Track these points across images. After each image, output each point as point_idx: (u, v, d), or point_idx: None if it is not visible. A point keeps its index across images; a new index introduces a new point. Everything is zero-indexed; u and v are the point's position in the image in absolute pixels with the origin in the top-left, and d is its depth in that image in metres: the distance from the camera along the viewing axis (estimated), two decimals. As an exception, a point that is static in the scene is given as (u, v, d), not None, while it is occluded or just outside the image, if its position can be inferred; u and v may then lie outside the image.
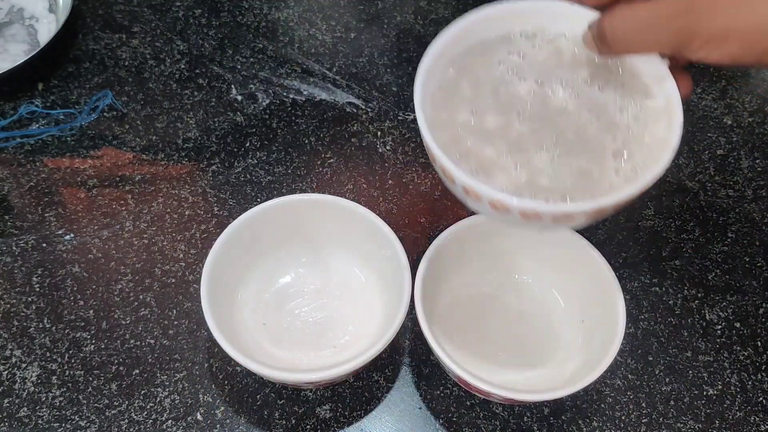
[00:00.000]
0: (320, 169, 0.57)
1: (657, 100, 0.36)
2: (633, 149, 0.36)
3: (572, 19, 0.37)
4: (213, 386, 0.46)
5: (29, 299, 0.50)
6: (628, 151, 0.36)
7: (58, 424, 0.45)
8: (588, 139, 0.36)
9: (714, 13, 0.30)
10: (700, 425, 0.46)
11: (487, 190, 0.33)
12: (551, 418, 0.46)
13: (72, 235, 0.53)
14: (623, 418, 0.46)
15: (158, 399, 0.46)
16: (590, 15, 0.36)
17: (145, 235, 0.53)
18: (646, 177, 0.33)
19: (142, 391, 0.46)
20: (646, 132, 0.36)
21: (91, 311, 0.49)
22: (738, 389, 0.47)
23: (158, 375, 0.47)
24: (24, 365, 0.47)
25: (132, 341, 0.48)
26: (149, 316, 0.49)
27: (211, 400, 0.46)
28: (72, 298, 0.50)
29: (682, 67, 0.36)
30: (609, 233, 0.54)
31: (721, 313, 0.51)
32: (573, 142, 0.36)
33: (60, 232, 0.53)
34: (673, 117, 0.35)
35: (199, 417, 0.45)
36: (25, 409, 0.45)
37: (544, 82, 0.38)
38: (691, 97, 0.63)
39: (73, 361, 0.47)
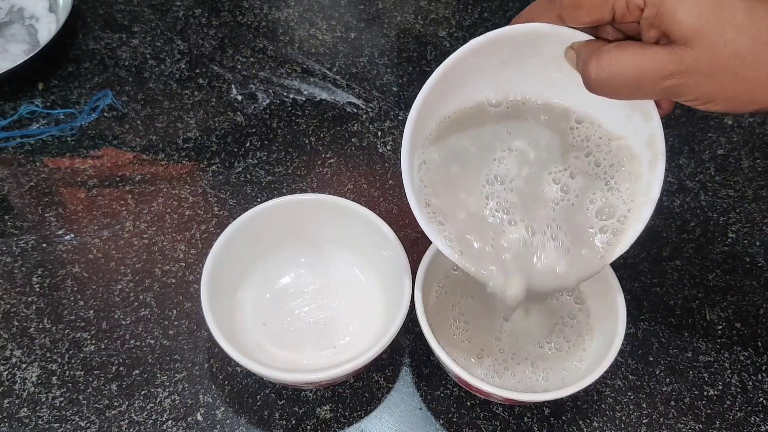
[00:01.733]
0: (320, 169, 0.57)
1: (623, 139, 0.38)
2: (613, 202, 0.38)
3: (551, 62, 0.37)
4: (213, 387, 0.46)
5: (29, 299, 0.50)
6: (610, 209, 0.38)
7: (58, 424, 0.45)
8: (577, 213, 0.38)
9: (705, 83, 0.30)
10: (700, 425, 0.46)
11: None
12: (551, 418, 0.46)
13: (72, 235, 0.53)
14: (623, 418, 0.46)
15: (158, 399, 0.46)
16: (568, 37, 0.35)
17: (145, 235, 0.53)
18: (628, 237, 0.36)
19: (142, 392, 0.46)
20: (621, 173, 0.38)
21: (91, 311, 0.49)
22: (738, 389, 0.47)
23: (158, 375, 0.47)
24: (24, 365, 0.47)
25: (132, 341, 0.48)
26: (149, 316, 0.49)
27: (211, 400, 0.46)
28: (72, 298, 0.50)
29: None
30: (609, 233, 0.54)
31: (721, 314, 0.51)
32: (567, 221, 0.39)
33: (60, 232, 0.53)
34: (657, 154, 0.36)
35: (199, 417, 0.45)
36: (25, 409, 0.45)
37: (525, 172, 0.39)
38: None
39: (73, 361, 0.47)
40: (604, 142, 0.38)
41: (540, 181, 0.39)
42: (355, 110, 0.61)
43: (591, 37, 0.35)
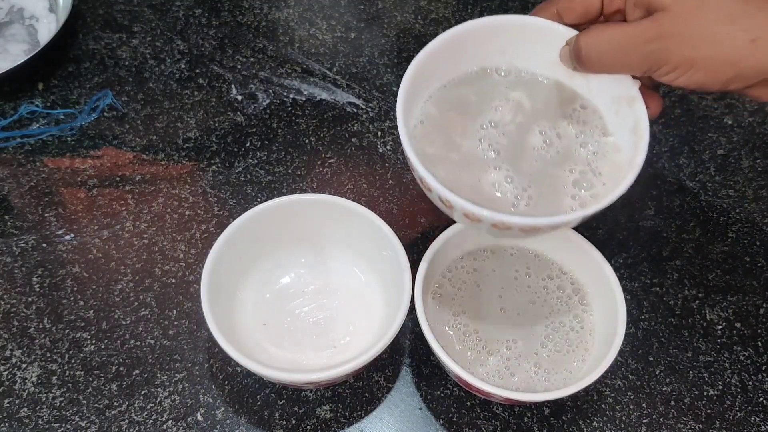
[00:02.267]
0: (320, 169, 0.57)
1: (614, 137, 0.40)
2: (592, 180, 0.39)
3: (546, 44, 0.39)
4: (213, 387, 0.46)
5: (29, 299, 0.50)
6: (587, 183, 0.39)
7: (58, 424, 0.45)
8: (552, 174, 0.40)
9: (683, 44, 0.32)
10: (700, 425, 0.46)
11: (460, 201, 0.36)
12: (552, 418, 0.46)
13: (72, 235, 0.53)
14: (624, 418, 0.46)
15: (158, 399, 0.46)
16: (563, 34, 0.38)
17: (145, 235, 0.53)
18: (607, 198, 0.36)
19: (143, 392, 0.46)
20: (606, 163, 0.39)
21: (91, 311, 0.49)
22: (738, 389, 0.47)
23: (158, 375, 0.47)
24: (24, 365, 0.47)
25: (132, 341, 0.48)
26: (149, 316, 0.49)
27: (211, 400, 0.46)
28: (72, 298, 0.50)
29: (653, 88, 0.38)
30: (609, 233, 0.54)
31: (721, 314, 0.51)
32: (543, 178, 0.40)
33: (60, 232, 0.53)
34: (639, 139, 0.37)
35: (199, 417, 0.45)
36: (25, 409, 0.45)
37: (519, 122, 0.41)
38: (692, 98, 0.63)
39: (73, 361, 0.47)
40: (597, 133, 0.40)
41: (529, 130, 0.41)
42: (355, 110, 0.61)
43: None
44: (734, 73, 0.32)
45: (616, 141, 0.40)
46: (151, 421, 0.45)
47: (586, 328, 0.46)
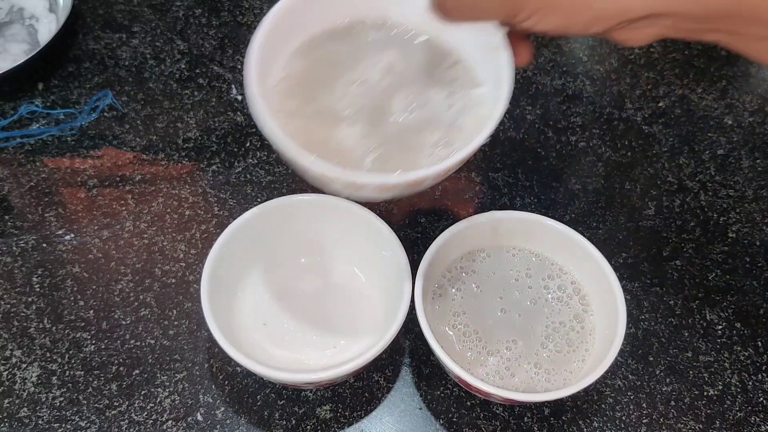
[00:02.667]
0: (320, 169, 0.57)
1: (484, 87, 0.39)
2: (453, 137, 0.39)
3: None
4: (213, 387, 0.46)
5: (29, 299, 0.50)
6: (448, 139, 0.39)
7: (58, 424, 0.45)
8: (410, 136, 0.39)
9: None
10: (700, 426, 0.46)
11: (306, 161, 0.35)
12: (552, 418, 0.46)
13: (72, 235, 0.53)
14: (624, 418, 0.46)
15: (158, 399, 0.46)
16: None
17: (145, 235, 0.53)
18: (462, 152, 0.36)
19: (143, 392, 0.46)
20: (470, 117, 0.39)
21: (91, 311, 0.49)
22: (738, 389, 0.47)
23: (158, 375, 0.47)
24: (24, 365, 0.47)
25: (132, 341, 0.48)
26: (149, 316, 0.49)
27: (211, 400, 0.46)
28: (72, 298, 0.50)
29: (522, 36, 0.37)
30: (609, 233, 0.54)
31: (721, 314, 0.51)
32: (400, 140, 0.39)
33: (60, 232, 0.53)
34: (501, 87, 0.36)
35: (199, 417, 0.45)
36: (25, 409, 0.45)
37: (385, 85, 0.40)
38: (692, 98, 0.63)
39: (73, 361, 0.47)
40: (466, 86, 0.40)
41: (394, 95, 0.40)
42: (355, 110, 0.61)
43: None
44: (591, 15, 0.31)
45: (483, 92, 0.39)
46: (151, 421, 0.45)
47: (586, 328, 0.46)
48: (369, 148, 0.38)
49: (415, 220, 0.54)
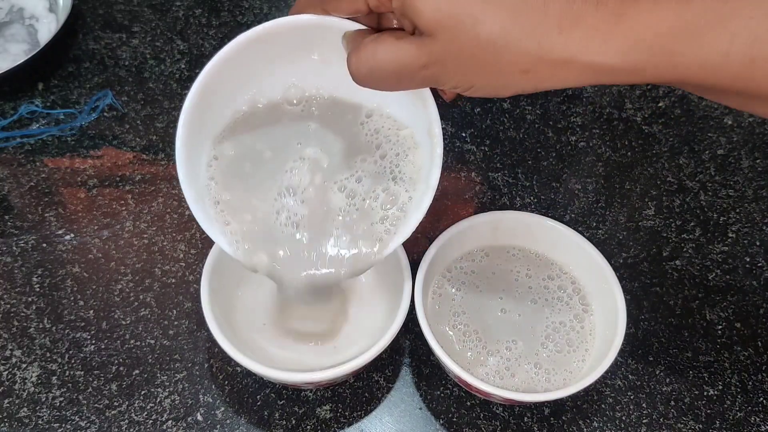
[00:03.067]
0: (320, 169, 0.57)
1: (409, 127, 0.38)
2: (397, 191, 0.39)
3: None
4: (213, 386, 0.46)
5: (29, 299, 0.50)
6: (389, 221, 0.39)
7: (58, 424, 0.45)
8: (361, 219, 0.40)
9: (456, 71, 0.30)
10: (700, 426, 0.46)
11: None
12: (552, 418, 0.46)
13: (72, 235, 0.53)
14: (624, 418, 0.46)
15: (158, 399, 0.46)
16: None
17: (145, 235, 0.53)
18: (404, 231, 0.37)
19: (142, 392, 0.46)
20: (407, 162, 0.39)
21: (91, 311, 0.49)
22: (738, 389, 0.47)
23: (158, 375, 0.47)
24: (24, 365, 0.47)
25: (132, 341, 0.48)
26: (149, 316, 0.49)
27: (211, 400, 0.46)
28: (72, 298, 0.50)
29: None
30: (609, 233, 0.54)
31: (721, 314, 0.51)
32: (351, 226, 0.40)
33: (60, 232, 0.53)
34: (434, 143, 0.36)
35: (199, 417, 0.45)
36: (25, 409, 0.45)
37: (317, 180, 0.40)
38: (692, 98, 0.63)
39: (73, 361, 0.47)
40: (393, 133, 0.39)
41: (328, 190, 0.39)
42: (355, 110, 0.61)
43: (360, 26, 0.34)
44: (513, 92, 0.31)
45: (413, 132, 0.38)
46: (151, 421, 0.45)
47: (586, 328, 0.46)
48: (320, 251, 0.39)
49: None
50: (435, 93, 0.36)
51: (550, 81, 0.30)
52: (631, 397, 0.47)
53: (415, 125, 0.38)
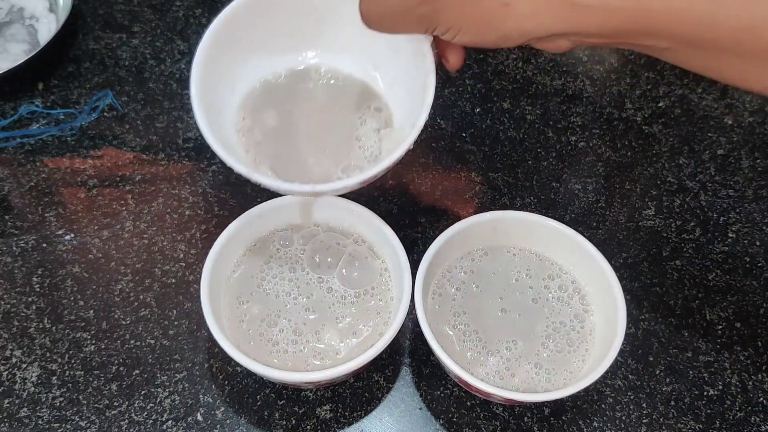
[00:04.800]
0: (320, 169, 0.57)
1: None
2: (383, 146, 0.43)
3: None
4: (213, 387, 0.46)
5: (29, 299, 0.50)
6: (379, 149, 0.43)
7: (58, 424, 0.45)
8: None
9: (448, 8, 0.33)
10: (700, 425, 0.46)
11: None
12: (552, 418, 0.46)
13: (72, 235, 0.53)
14: (624, 418, 0.46)
15: (158, 399, 0.46)
16: None
17: (145, 235, 0.53)
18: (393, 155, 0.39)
19: (142, 392, 0.46)
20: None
21: (91, 311, 0.49)
22: (738, 389, 0.47)
23: (158, 375, 0.47)
24: (24, 365, 0.47)
25: (132, 341, 0.48)
26: (149, 316, 0.49)
27: (211, 400, 0.46)
28: (72, 298, 0.50)
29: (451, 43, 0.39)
30: (609, 233, 0.54)
31: (721, 314, 0.51)
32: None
33: (60, 232, 0.53)
34: (426, 95, 0.38)
35: (199, 417, 0.45)
36: (25, 409, 0.45)
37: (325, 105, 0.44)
38: (692, 98, 0.63)
39: (73, 361, 0.47)
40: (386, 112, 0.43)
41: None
42: (355, 110, 0.61)
43: None
44: (498, 34, 0.33)
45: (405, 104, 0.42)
46: (151, 421, 0.45)
47: (586, 328, 0.46)
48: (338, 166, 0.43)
49: (415, 220, 0.54)
50: (439, 70, 0.39)
51: (530, 21, 0.32)
52: (631, 397, 0.47)
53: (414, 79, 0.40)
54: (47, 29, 0.64)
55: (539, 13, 0.32)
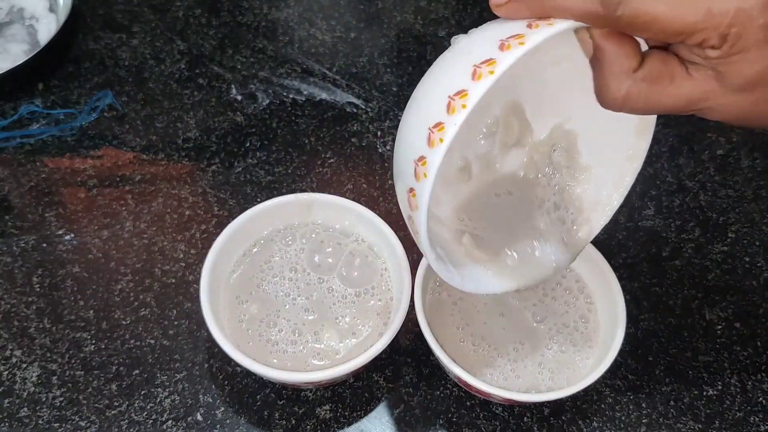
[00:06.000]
0: (320, 169, 0.57)
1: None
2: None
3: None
4: (213, 386, 0.46)
5: (29, 299, 0.50)
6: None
7: (58, 424, 0.45)
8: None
9: (736, 108, 0.28)
10: (700, 425, 0.46)
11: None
12: (551, 418, 0.46)
13: (72, 235, 0.53)
14: (623, 418, 0.46)
15: (158, 399, 0.46)
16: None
17: (145, 235, 0.53)
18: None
19: (142, 392, 0.46)
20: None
21: (91, 311, 0.49)
22: (738, 389, 0.47)
23: (158, 375, 0.47)
24: (24, 365, 0.47)
25: (132, 341, 0.48)
26: (149, 316, 0.49)
27: (211, 400, 0.46)
28: (72, 298, 0.50)
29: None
30: (609, 233, 0.54)
31: (721, 314, 0.51)
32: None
33: (60, 232, 0.53)
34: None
35: (199, 417, 0.45)
36: (25, 409, 0.45)
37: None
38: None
39: (73, 361, 0.47)
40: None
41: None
42: (354, 110, 0.61)
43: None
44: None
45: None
46: (151, 421, 0.45)
47: (590, 327, 0.46)
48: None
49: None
50: None
51: None
52: (631, 397, 0.47)
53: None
54: (47, 29, 0.64)
55: None
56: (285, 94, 0.62)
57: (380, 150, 0.59)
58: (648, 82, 0.27)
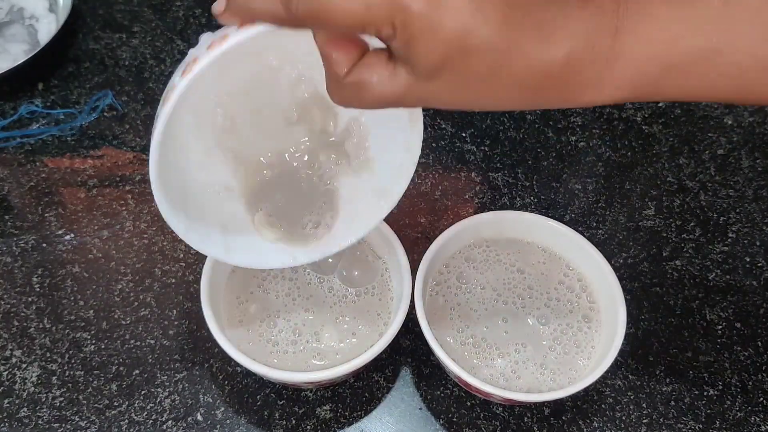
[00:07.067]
0: (320, 169, 0.57)
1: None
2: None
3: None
4: (213, 386, 0.46)
5: (29, 299, 0.50)
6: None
7: (58, 424, 0.45)
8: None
9: (448, 98, 0.28)
10: (700, 426, 0.46)
11: None
12: (551, 418, 0.46)
13: (72, 235, 0.53)
14: (623, 418, 0.46)
15: (158, 399, 0.46)
16: None
17: (145, 235, 0.53)
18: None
19: (142, 392, 0.46)
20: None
21: (91, 311, 0.49)
22: (738, 389, 0.47)
23: (158, 375, 0.47)
24: (24, 365, 0.47)
25: (132, 341, 0.48)
26: (149, 316, 0.49)
27: (211, 400, 0.46)
28: (72, 298, 0.50)
29: None
30: (609, 233, 0.54)
31: (721, 314, 0.51)
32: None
33: (60, 232, 0.53)
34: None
35: (199, 417, 0.45)
36: (25, 409, 0.45)
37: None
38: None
39: (73, 361, 0.47)
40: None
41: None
42: (355, 110, 0.61)
43: None
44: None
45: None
46: (151, 421, 0.45)
47: (592, 327, 0.46)
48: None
49: (415, 220, 0.54)
50: None
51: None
52: (631, 397, 0.47)
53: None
54: (47, 29, 0.64)
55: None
56: (285, 94, 0.62)
57: (380, 150, 0.59)
58: (354, 86, 0.28)
